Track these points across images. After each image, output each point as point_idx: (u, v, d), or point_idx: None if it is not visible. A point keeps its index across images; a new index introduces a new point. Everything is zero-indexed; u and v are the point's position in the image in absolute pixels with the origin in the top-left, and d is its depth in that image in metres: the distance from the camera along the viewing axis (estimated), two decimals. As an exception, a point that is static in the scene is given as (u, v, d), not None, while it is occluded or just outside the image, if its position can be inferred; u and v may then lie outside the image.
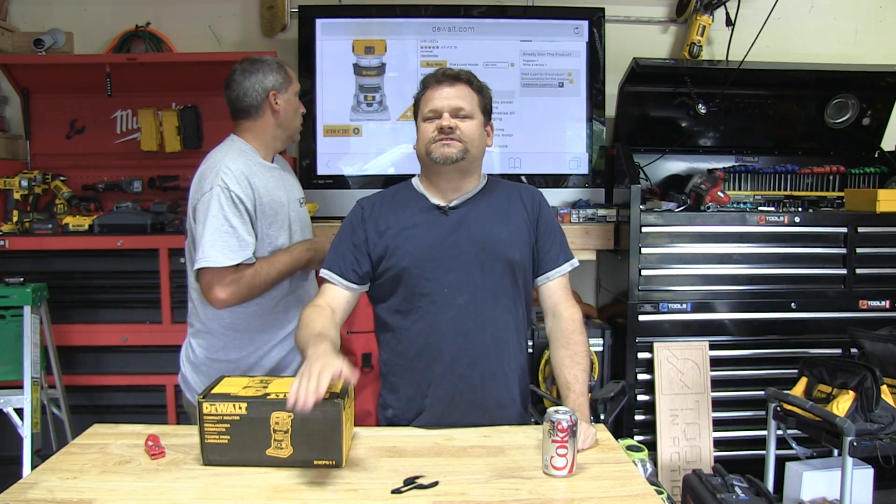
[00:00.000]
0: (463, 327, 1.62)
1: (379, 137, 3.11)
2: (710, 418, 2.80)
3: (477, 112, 1.66)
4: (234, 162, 1.80)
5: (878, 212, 2.82)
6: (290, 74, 1.94)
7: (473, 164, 1.68)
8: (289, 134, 1.97)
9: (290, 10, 3.19)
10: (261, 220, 1.82)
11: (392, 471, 1.36)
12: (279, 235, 1.87)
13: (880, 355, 2.45)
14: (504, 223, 1.67)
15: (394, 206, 1.69)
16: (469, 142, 1.62)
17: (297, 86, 1.96)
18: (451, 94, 1.63)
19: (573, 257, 1.74)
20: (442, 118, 1.61)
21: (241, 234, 1.74)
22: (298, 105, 1.97)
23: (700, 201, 2.87)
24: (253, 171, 1.83)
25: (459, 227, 1.64)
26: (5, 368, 2.54)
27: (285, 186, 1.94)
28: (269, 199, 1.84)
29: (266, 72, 1.90)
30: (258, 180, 1.83)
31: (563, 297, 1.70)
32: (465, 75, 1.67)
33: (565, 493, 1.29)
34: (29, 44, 3.05)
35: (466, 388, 1.63)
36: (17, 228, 2.85)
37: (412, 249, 1.63)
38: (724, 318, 2.84)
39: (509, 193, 1.72)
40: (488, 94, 1.71)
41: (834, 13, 3.45)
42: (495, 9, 3.17)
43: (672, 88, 3.13)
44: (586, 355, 1.65)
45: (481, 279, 1.63)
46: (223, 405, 1.35)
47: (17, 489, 1.26)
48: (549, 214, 1.73)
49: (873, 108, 3.24)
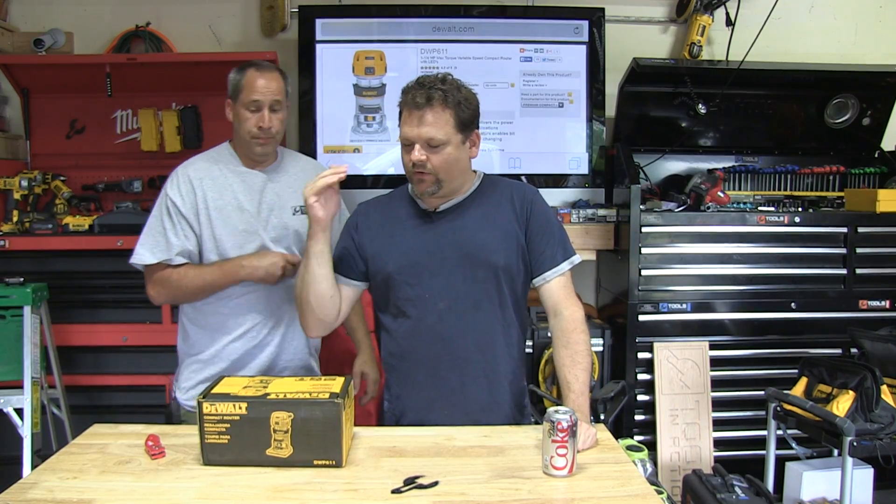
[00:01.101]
0: (443, 332, 1.64)
1: (379, 162, 3.13)
2: (710, 418, 2.80)
3: (452, 134, 1.58)
4: (190, 166, 1.89)
5: (878, 212, 2.82)
6: (241, 84, 1.83)
7: (454, 183, 1.66)
8: (242, 149, 1.90)
9: (290, 10, 3.19)
10: (204, 225, 1.84)
11: (392, 471, 1.36)
12: (228, 240, 1.84)
13: (880, 355, 2.45)
14: (490, 227, 1.66)
15: (386, 211, 1.73)
16: (442, 173, 1.60)
17: (250, 95, 1.80)
18: (424, 121, 1.56)
19: (574, 254, 1.71)
20: (414, 149, 1.58)
21: (169, 237, 1.82)
22: (247, 116, 1.82)
23: (700, 201, 2.87)
24: (211, 175, 1.86)
25: (445, 232, 1.66)
26: (5, 368, 2.54)
27: (266, 194, 1.88)
28: (220, 203, 1.84)
29: (229, 77, 1.87)
30: (211, 185, 1.85)
31: (563, 296, 1.68)
32: (439, 95, 1.56)
33: (565, 493, 1.29)
34: (29, 44, 3.05)
35: (447, 391, 1.66)
36: (17, 228, 2.85)
37: (397, 255, 1.66)
38: (724, 318, 2.84)
39: (500, 195, 1.70)
40: (468, 104, 1.61)
41: (834, 13, 3.45)
42: (495, 9, 3.17)
43: (672, 88, 3.13)
44: (587, 354, 1.64)
45: (463, 284, 1.64)
46: (223, 405, 1.35)
47: (17, 489, 1.26)
48: (543, 213, 1.69)
49: (873, 108, 3.23)
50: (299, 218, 1.90)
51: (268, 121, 1.82)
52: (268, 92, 1.81)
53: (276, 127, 1.85)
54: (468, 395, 1.66)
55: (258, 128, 1.81)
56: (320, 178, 1.55)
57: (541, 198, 1.73)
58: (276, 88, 1.83)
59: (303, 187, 1.75)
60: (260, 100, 1.81)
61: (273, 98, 1.82)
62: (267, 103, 1.82)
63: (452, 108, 1.58)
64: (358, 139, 3.11)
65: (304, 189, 1.58)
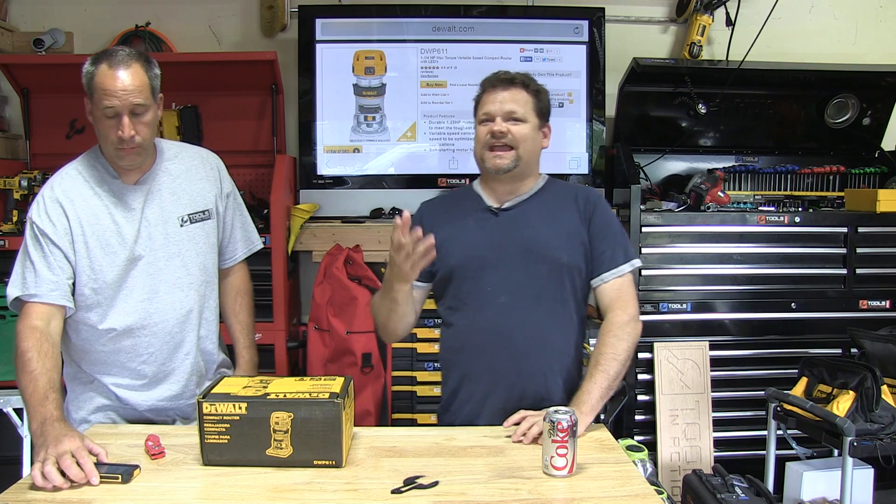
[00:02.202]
0: (501, 326, 1.66)
1: (379, 162, 3.13)
2: (710, 418, 2.80)
3: (531, 115, 1.67)
4: (57, 186, 1.61)
5: (878, 212, 2.82)
6: (93, 83, 1.52)
7: (527, 168, 1.70)
8: (108, 156, 1.63)
9: (290, 9, 3.19)
10: (80, 254, 1.58)
11: (392, 471, 1.36)
12: (110, 272, 1.61)
13: (880, 355, 2.45)
14: (554, 225, 1.68)
15: (450, 208, 1.78)
16: (521, 146, 1.65)
17: (103, 100, 1.51)
18: (505, 98, 1.65)
19: (635, 258, 1.70)
20: (494, 122, 1.65)
21: (38, 269, 1.55)
22: (105, 124, 1.54)
23: (700, 201, 2.87)
24: (83, 195, 1.61)
25: (509, 228, 1.69)
26: (5, 368, 2.54)
27: (146, 212, 1.65)
28: (97, 230, 1.60)
29: (83, 68, 1.55)
30: (84, 207, 1.60)
31: (613, 298, 1.68)
32: (521, 78, 1.68)
33: (565, 493, 1.29)
34: (29, 44, 3.05)
35: (502, 385, 1.67)
36: (17, 228, 2.85)
37: (460, 249, 1.70)
38: (724, 318, 2.84)
39: (564, 195, 1.73)
40: (545, 96, 1.71)
41: (834, 13, 3.44)
42: (495, 9, 3.17)
43: (672, 88, 3.13)
44: (613, 357, 1.61)
45: (524, 279, 1.65)
46: (223, 405, 1.35)
47: (17, 489, 1.26)
48: (605, 215, 1.71)
49: (873, 108, 3.23)
50: (188, 229, 1.71)
51: (128, 130, 1.52)
52: (124, 94, 1.50)
53: (143, 134, 1.56)
54: (523, 390, 1.66)
55: (118, 138, 1.53)
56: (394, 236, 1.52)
57: (605, 201, 1.75)
58: (135, 87, 1.51)
59: (189, 187, 1.72)
60: (115, 106, 1.50)
61: (133, 102, 1.51)
62: (125, 109, 1.51)
63: (532, 94, 1.68)
64: (358, 139, 3.11)
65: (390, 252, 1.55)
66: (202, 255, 1.74)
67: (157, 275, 1.67)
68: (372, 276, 2.78)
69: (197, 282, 1.73)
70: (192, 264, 1.72)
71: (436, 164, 3.12)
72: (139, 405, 1.69)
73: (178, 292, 1.70)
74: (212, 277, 1.80)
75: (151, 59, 1.61)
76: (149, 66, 1.58)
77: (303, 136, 3.10)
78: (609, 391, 1.60)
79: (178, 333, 1.70)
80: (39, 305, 1.54)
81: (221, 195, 1.81)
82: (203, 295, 1.75)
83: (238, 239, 1.88)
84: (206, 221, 1.75)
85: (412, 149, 3.14)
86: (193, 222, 1.72)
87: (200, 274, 1.74)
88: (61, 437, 1.32)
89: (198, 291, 1.73)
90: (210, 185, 1.78)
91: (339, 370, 2.68)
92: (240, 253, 1.89)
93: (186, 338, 1.72)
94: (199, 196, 1.75)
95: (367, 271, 2.79)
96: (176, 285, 1.69)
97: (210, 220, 1.76)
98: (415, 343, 2.78)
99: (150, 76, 1.57)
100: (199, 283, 1.74)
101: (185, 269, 1.71)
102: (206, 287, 1.77)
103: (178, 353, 1.71)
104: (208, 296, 1.78)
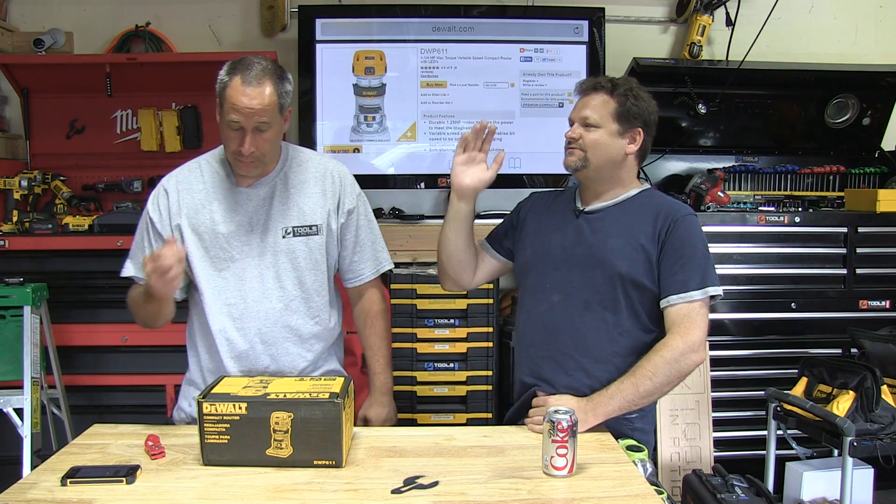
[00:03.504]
0: (549, 323, 1.69)
1: (379, 162, 3.14)
2: (710, 418, 2.80)
3: (608, 121, 1.66)
4: (173, 177, 1.71)
5: (878, 212, 2.82)
6: (225, 94, 1.56)
7: (601, 171, 1.68)
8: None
9: (290, 9, 3.19)
10: (183, 248, 1.59)
11: (392, 471, 1.36)
12: (199, 264, 1.66)
13: (880, 355, 2.45)
14: (624, 236, 1.66)
15: (549, 203, 1.83)
16: (589, 150, 1.66)
17: (230, 114, 1.55)
18: (583, 105, 1.69)
19: (712, 285, 1.59)
20: (571, 128, 1.70)
21: (142, 250, 1.67)
22: (228, 135, 1.59)
23: (700, 201, 2.87)
24: (192, 189, 1.68)
25: (583, 231, 1.70)
26: (5, 368, 2.54)
27: (250, 214, 1.67)
28: (195, 222, 1.66)
29: (219, 74, 1.60)
30: (189, 200, 1.67)
31: (677, 321, 1.59)
32: (607, 84, 1.69)
33: (565, 493, 1.29)
34: (29, 44, 3.05)
35: (541, 381, 1.69)
36: (17, 228, 2.85)
37: (537, 242, 1.76)
38: (724, 318, 2.84)
39: (649, 209, 1.68)
40: (637, 100, 1.68)
41: (834, 13, 3.45)
42: (495, 9, 3.17)
43: (672, 88, 3.13)
44: (649, 376, 1.56)
45: (579, 282, 1.66)
46: (223, 405, 1.35)
47: (17, 489, 1.26)
48: (685, 236, 1.62)
49: (873, 108, 3.23)
50: (290, 241, 1.69)
51: (248, 146, 1.55)
52: (251, 113, 1.53)
53: (263, 149, 1.59)
54: (560, 389, 1.66)
55: (238, 150, 1.58)
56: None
57: (691, 222, 1.65)
58: (262, 106, 1.53)
59: (301, 199, 1.71)
60: (240, 121, 1.54)
61: (258, 120, 1.54)
62: (250, 126, 1.54)
63: (616, 98, 1.67)
64: (358, 139, 3.11)
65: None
66: (300, 270, 1.70)
67: (248, 281, 1.67)
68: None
69: (289, 296, 1.69)
70: (286, 278, 1.69)
71: (436, 164, 3.13)
72: None
73: (265, 303, 1.68)
74: (313, 296, 1.73)
75: (285, 73, 1.62)
76: (281, 83, 1.59)
77: (303, 136, 3.10)
78: (631, 406, 1.57)
79: (261, 345, 1.69)
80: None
81: (339, 211, 1.75)
82: (297, 311, 1.70)
83: (366, 258, 1.80)
84: (311, 237, 1.70)
85: (412, 149, 3.14)
86: (297, 235, 1.69)
87: (295, 289, 1.70)
88: None
89: (288, 306, 1.69)
90: (325, 201, 1.73)
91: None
92: (367, 273, 1.81)
93: (270, 353, 1.70)
94: (310, 210, 1.71)
95: (367, 271, 2.79)
96: (265, 296, 1.68)
97: (317, 235, 1.71)
98: (415, 343, 2.79)
99: (279, 93, 1.58)
100: (291, 298, 1.70)
101: (277, 281, 1.69)
102: (304, 305, 1.71)
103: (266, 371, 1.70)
104: (305, 314, 1.72)
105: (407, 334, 2.78)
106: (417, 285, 2.77)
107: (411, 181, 3.14)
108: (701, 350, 1.58)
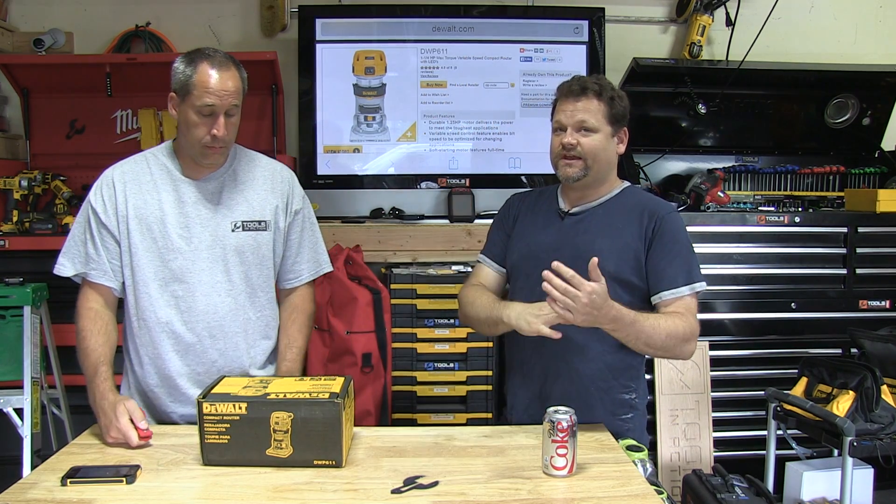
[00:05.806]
0: None
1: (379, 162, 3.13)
2: (710, 418, 2.80)
3: (603, 124, 1.65)
4: (118, 167, 1.69)
5: (878, 212, 2.82)
6: (192, 81, 1.55)
7: (598, 176, 1.69)
8: (187, 154, 1.66)
9: (290, 9, 3.19)
10: (123, 235, 1.63)
11: (392, 471, 1.36)
12: (144, 256, 1.63)
13: (880, 355, 2.45)
14: (610, 236, 1.66)
15: (531, 205, 1.82)
16: (591, 157, 1.65)
17: (203, 98, 1.55)
18: (577, 108, 1.64)
19: (698, 280, 1.65)
20: (566, 133, 1.65)
21: (88, 248, 1.64)
22: (196, 122, 1.57)
23: (700, 201, 2.87)
24: (139, 179, 1.66)
25: (569, 233, 1.70)
26: (5, 368, 2.54)
27: (199, 206, 1.66)
28: (142, 213, 1.63)
29: (176, 67, 1.59)
30: (136, 191, 1.64)
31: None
32: (595, 86, 1.65)
33: (565, 493, 1.29)
34: (29, 44, 3.05)
35: (532, 385, 1.72)
36: (17, 228, 2.85)
37: (523, 246, 1.76)
38: (724, 318, 2.84)
39: (633, 207, 1.69)
40: (621, 101, 1.68)
41: (834, 13, 3.45)
42: (495, 9, 3.17)
43: (672, 88, 3.13)
44: (653, 326, 1.56)
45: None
46: (223, 405, 1.35)
47: (17, 489, 1.26)
48: (671, 232, 1.65)
49: (873, 108, 3.23)
50: (239, 235, 1.67)
51: (223, 129, 1.57)
52: (225, 94, 1.55)
53: (232, 134, 1.61)
54: (552, 389, 1.68)
55: (211, 136, 1.57)
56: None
57: (676, 218, 1.69)
58: (234, 89, 1.57)
59: (251, 195, 1.70)
60: (215, 104, 1.54)
61: (231, 103, 1.57)
62: (223, 109, 1.56)
63: (605, 101, 1.66)
64: (358, 139, 3.11)
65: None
66: (248, 265, 1.69)
67: (196, 274, 1.65)
68: (372, 276, 2.78)
69: (237, 291, 1.68)
70: (234, 272, 1.68)
71: (436, 164, 3.13)
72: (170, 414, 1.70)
73: (214, 297, 1.66)
74: (258, 292, 1.73)
75: (240, 63, 1.64)
76: (240, 70, 1.62)
77: (303, 136, 3.10)
78: (636, 337, 1.54)
79: (209, 339, 1.67)
80: (87, 292, 1.66)
81: (287, 211, 1.75)
82: (243, 307, 1.70)
83: (305, 259, 1.81)
84: (260, 232, 1.70)
85: (412, 149, 3.14)
86: (246, 230, 1.69)
87: (242, 283, 1.69)
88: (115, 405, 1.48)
89: (236, 300, 1.68)
90: (274, 198, 1.73)
91: (339, 370, 2.68)
92: (305, 274, 1.81)
93: (218, 348, 1.68)
94: (259, 206, 1.71)
95: (367, 271, 2.80)
96: (214, 289, 1.66)
97: (265, 231, 1.71)
98: (415, 343, 2.79)
99: (242, 79, 1.61)
100: (238, 293, 1.69)
101: (226, 275, 1.67)
102: (249, 300, 1.71)
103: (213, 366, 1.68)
104: (250, 309, 1.72)
105: (407, 334, 2.78)
106: (417, 285, 2.77)
107: (411, 181, 3.14)
108: (694, 341, 1.64)
